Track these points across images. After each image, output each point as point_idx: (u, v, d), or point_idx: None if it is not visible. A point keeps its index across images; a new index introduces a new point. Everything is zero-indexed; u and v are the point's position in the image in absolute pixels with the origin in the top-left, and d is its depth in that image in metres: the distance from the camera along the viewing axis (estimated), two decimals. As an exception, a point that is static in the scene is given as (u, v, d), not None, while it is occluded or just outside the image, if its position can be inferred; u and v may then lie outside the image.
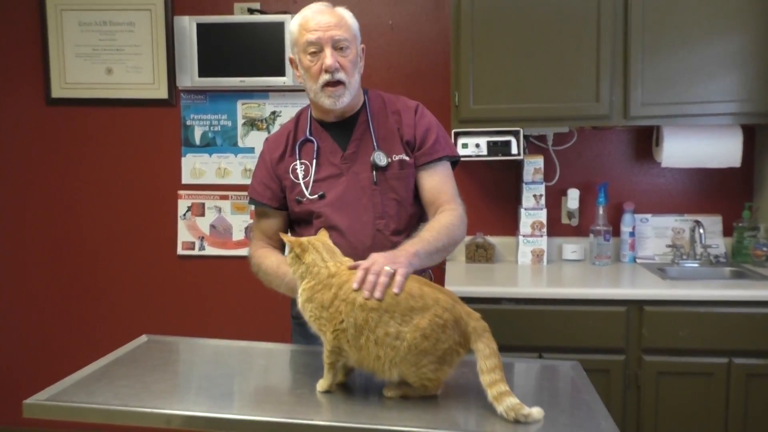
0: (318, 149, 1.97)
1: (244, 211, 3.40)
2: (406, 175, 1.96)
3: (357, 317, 1.48)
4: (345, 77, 1.87)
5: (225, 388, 1.66)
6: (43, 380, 1.66)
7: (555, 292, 2.62)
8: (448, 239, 1.83)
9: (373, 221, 1.91)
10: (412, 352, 1.45)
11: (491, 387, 1.42)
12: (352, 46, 1.90)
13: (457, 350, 1.48)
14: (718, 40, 2.78)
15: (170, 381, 1.69)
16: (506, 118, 2.89)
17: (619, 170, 3.23)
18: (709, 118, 2.83)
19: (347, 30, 1.89)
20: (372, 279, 1.49)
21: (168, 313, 3.48)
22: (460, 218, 1.91)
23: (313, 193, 1.95)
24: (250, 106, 3.38)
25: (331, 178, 1.95)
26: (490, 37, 2.86)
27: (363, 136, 1.97)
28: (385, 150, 1.95)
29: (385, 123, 1.99)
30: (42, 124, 3.48)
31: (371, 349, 1.48)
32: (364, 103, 2.02)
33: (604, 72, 2.81)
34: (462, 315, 1.49)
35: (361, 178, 1.93)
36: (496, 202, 3.27)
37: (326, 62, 1.85)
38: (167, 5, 3.33)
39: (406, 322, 1.46)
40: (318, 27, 1.86)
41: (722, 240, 3.14)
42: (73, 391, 1.55)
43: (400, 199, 1.95)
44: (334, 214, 1.92)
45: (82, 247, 3.51)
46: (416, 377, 1.48)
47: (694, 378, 2.57)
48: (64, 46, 3.41)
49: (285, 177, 1.99)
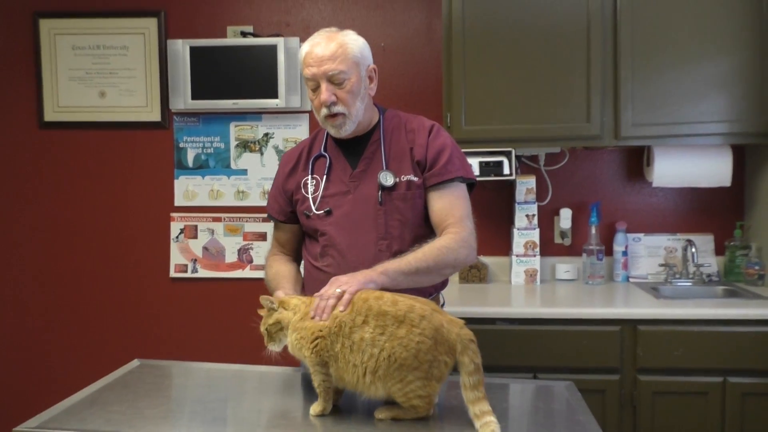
0: (330, 165, 1.98)
1: (237, 233, 3.40)
2: (412, 197, 1.93)
3: (330, 325, 1.53)
4: (343, 109, 1.88)
5: (218, 412, 1.65)
6: (33, 406, 1.65)
7: (549, 312, 2.62)
8: (436, 262, 1.79)
9: (376, 242, 1.89)
10: (392, 365, 1.46)
11: (473, 404, 1.45)
12: (351, 76, 1.89)
13: (443, 360, 1.48)
14: (708, 62, 2.81)
15: (163, 406, 1.68)
16: (498, 139, 2.90)
17: (611, 190, 3.24)
18: (699, 138, 2.85)
19: (343, 60, 1.87)
20: (321, 304, 1.58)
21: (161, 336, 3.45)
22: (461, 241, 1.86)
23: (320, 208, 1.94)
24: (243, 128, 3.39)
25: (338, 195, 1.94)
26: (481, 59, 2.88)
27: (374, 155, 1.96)
28: (394, 170, 1.93)
29: (398, 142, 1.97)
30: (35, 147, 3.48)
31: (348, 357, 1.49)
32: (378, 121, 2.02)
33: (595, 93, 2.83)
34: (443, 323, 1.51)
35: (367, 198, 1.92)
36: (488, 222, 3.28)
37: (321, 98, 1.87)
38: (161, 29, 3.35)
39: (381, 329, 1.48)
40: (314, 62, 1.87)
41: (714, 259, 3.15)
42: (64, 418, 1.54)
43: (404, 221, 1.92)
44: (337, 233, 1.92)
45: (74, 269, 3.49)
46: (404, 396, 1.48)
47: (689, 397, 2.56)
48: (57, 69, 3.42)
49: (296, 191, 2.01)
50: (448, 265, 1.84)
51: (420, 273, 1.77)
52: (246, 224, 3.39)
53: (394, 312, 1.49)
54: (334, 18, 3.31)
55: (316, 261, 1.96)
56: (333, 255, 1.91)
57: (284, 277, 1.95)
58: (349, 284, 1.60)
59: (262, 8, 3.37)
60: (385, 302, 1.51)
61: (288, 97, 3.25)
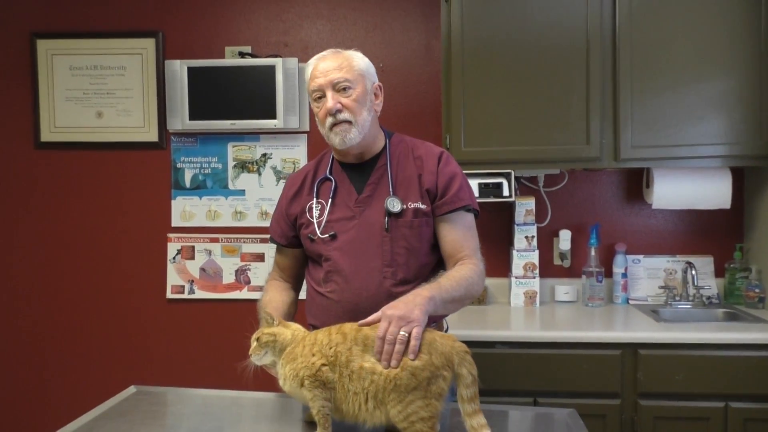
0: (335, 189, 1.96)
1: (235, 254, 3.38)
2: (419, 224, 1.90)
3: (327, 354, 1.51)
4: (350, 116, 1.87)
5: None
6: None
7: (549, 336, 2.60)
8: (466, 292, 1.80)
9: (381, 269, 1.86)
10: (389, 386, 1.45)
11: (471, 417, 1.47)
12: (357, 86, 1.89)
13: (441, 375, 1.48)
14: (707, 84, 2.81)
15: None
16: (497, 161, 2.89)
17: (611, 211, 3.23)
18: (698, 161, 2.84)
19: (349, 71, 1.88)
20: (389, 350, 1.50)
21: (156, 357, 3.42)
22: (480, 275, 1.88)
23: (325, 233, 1.91)
24: (241, 149, 3.37)
25: (343, 220, 1.92)
26: (480, 80, 2.88)
27: (380, 180, 1.94)
28: (401, 196, 1.90)
29: (405, 168, 1.95)
30: (31, 167, 3.46)
31: (347, 386, 1.49)
32: (385, 146, 2.00)
33: (594, 115, 2.82)
34: (436, 338, 1.52)
35: (373, 223, 1.89)
36: (488, 244, 3.24)
37: (327, 105, 1.86)
38: (158, 49, 3.35)
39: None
40: (320, 74, 1.88)
41: (714, 281, 3.14)
42: (58, 449, 1.51)
43: (411, 248, 1.89)
44: (341, 258, 1.89)
45: (69, 290, 3.46)
46: (406, 420, 1.46)
47: (691, 423, 2.53)
48: (54, 89, 3.41)
49: (300, 215, 1.98)
50: (472, 296, 1.85)
51: (454, 302, 1.78)
52: (244, 245, 3.37)
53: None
54: (332, 38, 3.31)
55: (320, 286, 1.93)
56: (337, 281, 1.88)
57: (276, 308, 1.90)
58: (411, 325, 1.53)
59: (260, 29, 3.36)
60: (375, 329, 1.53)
61: (286, 117, 3.24)
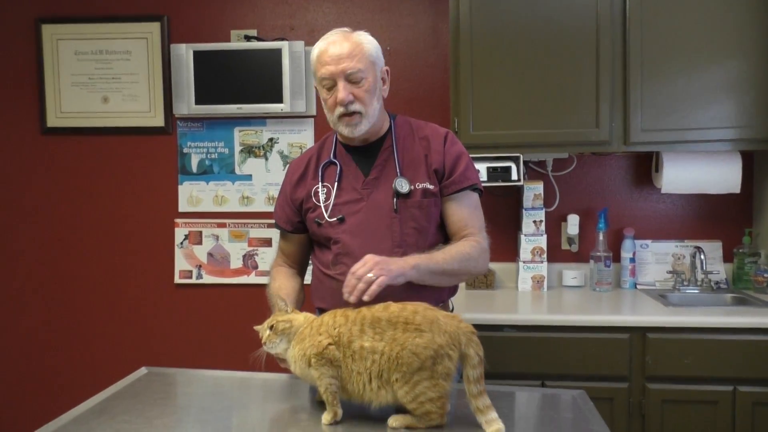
0: (340, 172, 1.95)
1: (242, 238, 3.37)
2: (428, 204, 1.90)
3: (332, 334, 1.53)
4: (361, 107, 1.85)
5: (229, 421, 1.63)
6: (40, 415, 1.62)
7: (558, 319, 2.60)
8: (460, 266, 1.84)
9: (391, 249, 1.84)
10: (393, 365, 1.46)
11: (476, 398, 1.48)
12: (368, 75, 1.87)
13: (446, 353, 1.47)
14: (717, 67, 2.79)
15: (173, 415, 1.65)
16: (506, 144, 2.88)
17: (619, 196, 3.22)
18: (708, 145, 2.83)
19: (361, 59, 1.85)
20: (352, 282, 1.64)
21: (165, 342, 3.43)
22: (481, 251, 1.90)
23: (332, 216, 1.91)
24: (248, 133, 3.36)
25: (351, 203, 1.91)
26: (489, 64, 2.86)
27: (386, 162, 1.93)
28: (408, 177, 1.90)
29: (411, 149, 1.94)
30: (37, 153, 3.45)
31: (351, 367, 1.50)
32: (389, 128, 1.98)
33: (604, 98, 2.81)
34: (438, 317, 1.52)
35: (381, 205, 1.89)
36: (495, 228, 3.24)
37: (339, 96, 1.83)
38: (164, 33, 3.33)
39: (380, 335, 1.49)
40: (331, 60, 1.84)
41: (723, 266, 3.13)
42: (72, 428, 1.51)
43: (420, 228, 1.89)
44: (351, 241, 1.88)
45: (77, 276, 3.46)
46: (415, 401, 1.46)
47: (699, 406, 2.54)
48: (59, 75, 3.39)
49: (306, 200, 1.97)
50: (469, 271, 1.90)
51: (445, 274, 1.82)
52: (251, 230, 3.37)
53: (387, 316, 1.51)
54: (338, 21, 3.29)
55: (328, 269, 1.92)
56: (347, 263, 1.86)
57: (287, 294, 1.90)
58: (381, 272, 1.64)
59: (266, 12, 3.35)
60: (377, 309, 1.54)
61: (293, 101, 3.22)
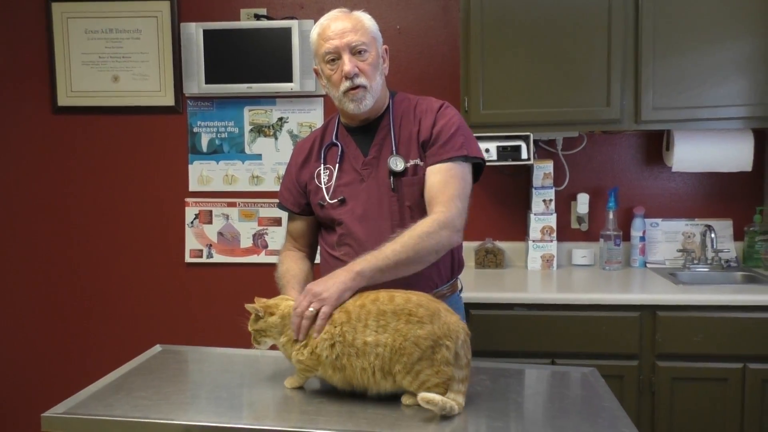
0: (342, 154, 1.95)
1: (252, 218, 3.39)
2: (417, 181, 1.87)
3: (333, 333, 1.54)
4: (365, 81, 1.85)
5: (244, 397, 1.66)
6: (58, 392, 1.65)
7: (568, 298, 2.61)
8: (416, 251, 1.70)
9: (392, 229, 1.83)
10: (394, 357, 1.47)
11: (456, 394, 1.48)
12: (371, 49, 1.87)
13: (444, 344, 1.48)
14: (729, 44, 2.76)
15: (189, 392, 1.68)
16: (516, 123, 2.87)
17: (629, 175, 3.21)
18: (720, 123, 2.81)
19: (364, 33, 1.86)
20: (296, 322, 1.58)
21: (177, 320, 3.45)
22: (442, 222, 1.75)
23: (334, 197, 1.91)
24: (257, 113, 3.36)
25: (353, 184, 1.91)
26: (499, 42, 2.85)
27: (384, 141, 1.93)
28: (403, 154, 1.89)
29: (407, 126, 1.93)
30: (48, 132, 3.46)
31: (355, 363, 1.51)
32: (388, 106, 1.98)
33: (615, 76, 2.79)
34: (440, 309, 1.53)
35: (381, 185, 1.89)
36: (505, 207, 3.26)
37: (345, 69, 1.83)
38: (173, 12, 3.32)
39: (383, 328, 1.50)
40: (334, 35, 1.84)
41: (733, 244, 3.12)
42: (91, 404, 1.53)
43: (417, 206, 1.87)
44: (353, 222, 1.89)
45: (89, 255, 3.49)
46: (421, 388, 1.48)
47: (708, 384, 2.55)
48: (70, 54, 3.39)
49: (309, 181, 1.98)
50: (430, 251, 1.74)
51: (399, 266, 1.69)
52: (261, 209, 3.38)
53: (392, 308, 1.51)
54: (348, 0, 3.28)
55: (333, 250, 1.94)
56: (350, 244, 1.88)
57: (294, 276, 1.92)
58: (321, 302, 1.57)
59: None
60: (382, 302, 1.53)
61: (303, 80, 3.22)
